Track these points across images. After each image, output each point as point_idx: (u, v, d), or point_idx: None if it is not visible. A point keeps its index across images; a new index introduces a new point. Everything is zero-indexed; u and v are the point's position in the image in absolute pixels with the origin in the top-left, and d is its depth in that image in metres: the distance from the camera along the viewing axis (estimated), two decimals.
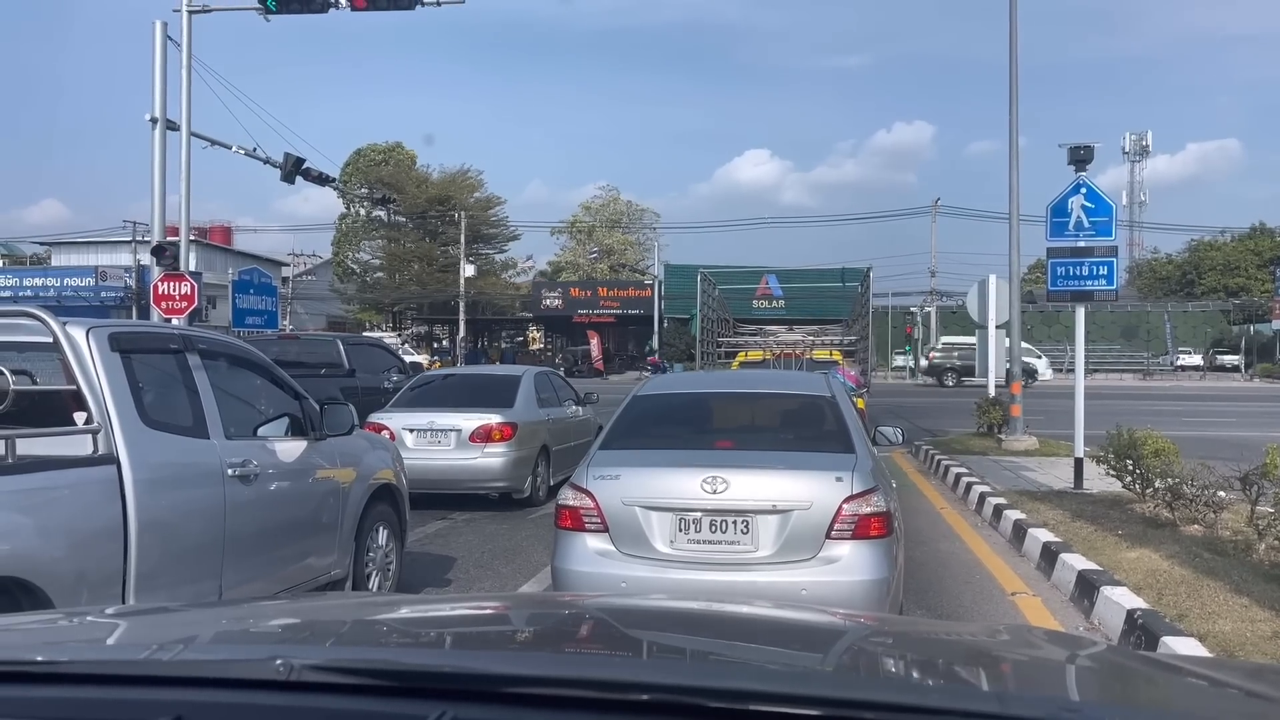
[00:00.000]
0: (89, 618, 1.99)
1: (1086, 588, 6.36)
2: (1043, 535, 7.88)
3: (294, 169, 20.33)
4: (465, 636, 1.84)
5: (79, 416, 4.13)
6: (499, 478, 10.12)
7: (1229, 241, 66.70)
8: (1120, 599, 5.83)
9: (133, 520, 4.00)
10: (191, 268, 16.97)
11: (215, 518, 4.55)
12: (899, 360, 53.79)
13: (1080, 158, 10.89)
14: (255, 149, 19.76)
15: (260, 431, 5.21)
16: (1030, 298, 38.59)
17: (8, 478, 3.62)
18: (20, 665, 1.31)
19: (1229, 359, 54.13)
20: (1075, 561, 6.87)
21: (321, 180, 22.14)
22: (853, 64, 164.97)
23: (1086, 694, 1.50)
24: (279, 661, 1.14)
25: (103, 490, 3.95)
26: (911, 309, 55.40)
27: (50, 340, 4.05)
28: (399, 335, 57.70)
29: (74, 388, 4.05)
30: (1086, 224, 10.61)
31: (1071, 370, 11.51)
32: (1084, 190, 10.68)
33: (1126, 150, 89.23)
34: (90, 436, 4.00)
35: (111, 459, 4.00)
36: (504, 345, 65.43)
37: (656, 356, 49.27)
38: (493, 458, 10.04)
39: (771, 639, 1.82)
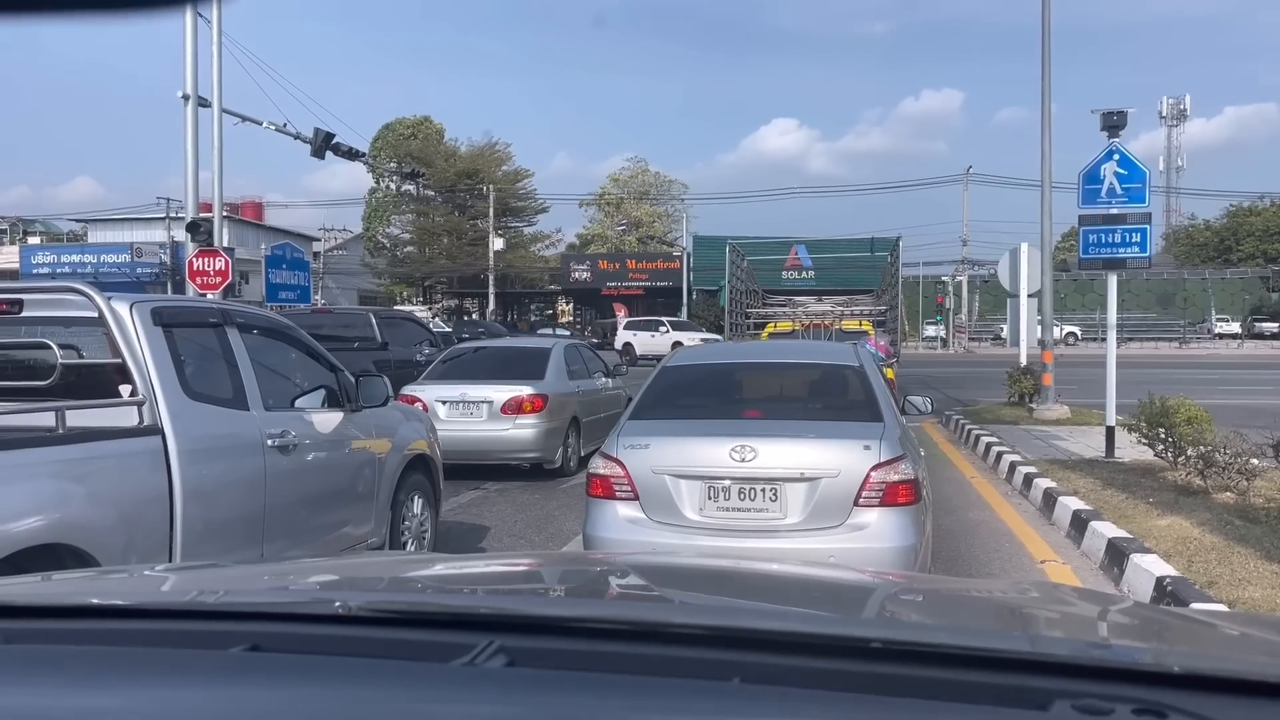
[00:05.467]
0: (147, 572, 2.10)
1: (1116, 555, 6.37)
2: (1073, 503, 7.87)
3: (324, 144, 20.50)
4: (507, 584, 1.93)
5: (124, 389, 4.25)
6: (530, 448, 10.24)
7: (1268, 207, 65.33)
8: (1150, 566, 5.84)
9: (178, 489, 4.12)
10: (225, 243, 17.16)
11: (256, 487, 4.67)
12: (930, 330, 53.41)
13: (1113, 123, 10.75)
14: (285, 124, 19.97)
15: (298, 403, 5.32)
16: (1063, 266, 38.18)
17: (58, 448, 3.74)
18: (103, 604, 1.42)
19: (1268, 326, 53.25)
20: (1105, 529, 6.87)
21: (351, 155, 22.32)
22: (879, 30, 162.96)
23: (1117, 639, 1.55)
24: (337, 603, 1.23)
25: (149, 460, 4.07)
26: (943, 278, 54.93)
27: (95, 315, 4.16)
28: (429, 309, 58.02)
29: (119, 361, 4.16)
30: (1119, 191, 10.49)
31: (1104, 339, 11.42)
32: (1117, 156, 10.55)
33: (1164, 115, 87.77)
34: (135, 408, 4.11)
35: (156, 430, 4.12)
36: (533, 318, 65.63)
37: None
38: (524, 429, 10.16)
39: (803, 591, 1.89)
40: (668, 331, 37.90)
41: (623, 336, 39.01)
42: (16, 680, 1.10)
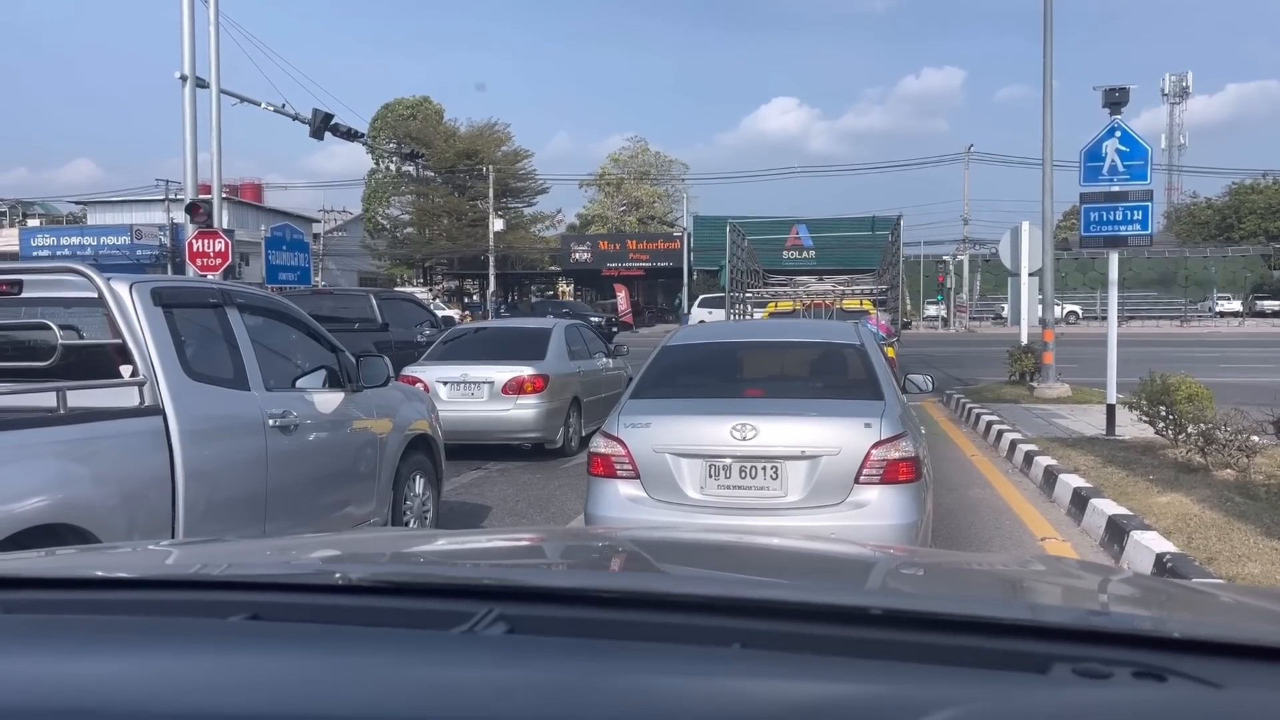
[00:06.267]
0: (150, 546, 2.12)
1: (1116, 532, 6.38)
2: (1073, 481, 7.89)
3: (323, 125, 20.40)
4: (508, 558, 1.94)
5: (124, 369, 4.25)
6: (532, 428, 10.26)
7: (1270, 185, 65.08)
8: (1150, 543, 5.86)
9: (179, 469, 4.13)
10: (224, 225, 17.11)
11: (257, 467, 4.68)
12: (931, 309, 53.33)
13: (1115, 100, 10.71)
14: (284, 105, 19.87)
15: (299, 383, 5.33)
16: (1064, 245, 38.06)
17: (60, 428, 3.75)
18: (105, 576, 1.43)
19: (1269, 304, 53.19)
20: (1105, 506, 6.88)
21: (350, 136, 22.21)
22: (880, 7, 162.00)
23: (1116, 607, 1.56)
24: (338, 574, 1.24)
25: (150, 440, 4.08)
26: (944, 257, 54.79)
27: (95, 295, 4.16)
28: (430, 290, 57.98)
29: (119, 341, 4.16)
30: (1121, 168, 10.46)
31: (1105, 318, 11.42)
32: (1119, 134, 10.51)
33: (1166, 92, 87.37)
34: (136, 388, 4.12)
35: (157, 410, 4.12)
36: (534, 299, 65.58)
37: None
38: (525, 409, 10.17)
39: (804, 563, 1.90)
40: None
41: (697, 314, 39.13)
42: (18, 649, 1.11)
